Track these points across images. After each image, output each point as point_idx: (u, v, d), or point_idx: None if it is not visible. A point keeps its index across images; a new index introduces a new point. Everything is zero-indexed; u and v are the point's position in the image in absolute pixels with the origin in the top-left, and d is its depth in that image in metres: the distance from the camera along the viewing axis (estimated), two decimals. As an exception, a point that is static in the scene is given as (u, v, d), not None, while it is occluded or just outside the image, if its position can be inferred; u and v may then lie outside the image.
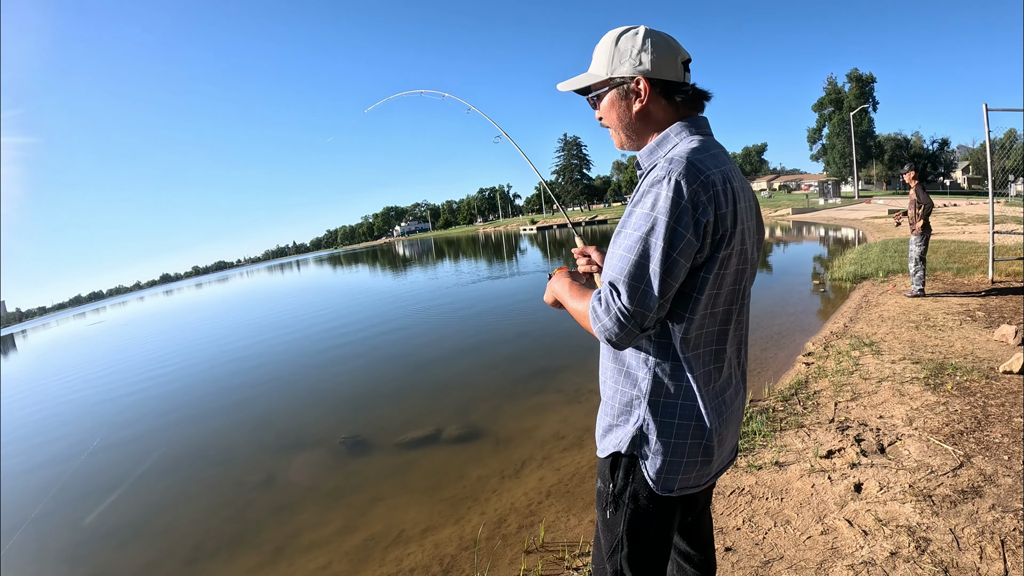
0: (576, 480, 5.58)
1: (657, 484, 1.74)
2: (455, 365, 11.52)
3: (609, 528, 1.85)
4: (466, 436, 7.33)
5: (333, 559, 5.04)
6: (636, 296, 1.55)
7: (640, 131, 1.81)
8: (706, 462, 1.77)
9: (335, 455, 7.47)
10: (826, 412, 5.49)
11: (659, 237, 1.53)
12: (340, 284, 43.55)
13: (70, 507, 7.40)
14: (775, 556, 3.49)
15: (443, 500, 5.72)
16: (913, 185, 9.55)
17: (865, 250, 16.79)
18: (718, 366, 1.78)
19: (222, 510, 6.64)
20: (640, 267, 1.55)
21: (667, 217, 1.52)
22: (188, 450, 9.03)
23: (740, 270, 1.74)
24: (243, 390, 12.51)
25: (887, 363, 6.54)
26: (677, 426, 1.72)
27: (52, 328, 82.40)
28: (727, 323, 1.77)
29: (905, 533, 3.42)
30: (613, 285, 1.59)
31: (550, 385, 8.88)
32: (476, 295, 22.50)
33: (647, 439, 1.73)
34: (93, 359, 24.82)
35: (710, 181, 1.57)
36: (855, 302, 10.42)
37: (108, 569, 5.83)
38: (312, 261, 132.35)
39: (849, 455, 4.51)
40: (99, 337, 39.04)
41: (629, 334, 1.58)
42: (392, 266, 55.32)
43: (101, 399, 14.57)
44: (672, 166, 1.56)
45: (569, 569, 3.99)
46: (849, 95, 74.66)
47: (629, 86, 1.77)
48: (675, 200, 1.52)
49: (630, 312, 1.55)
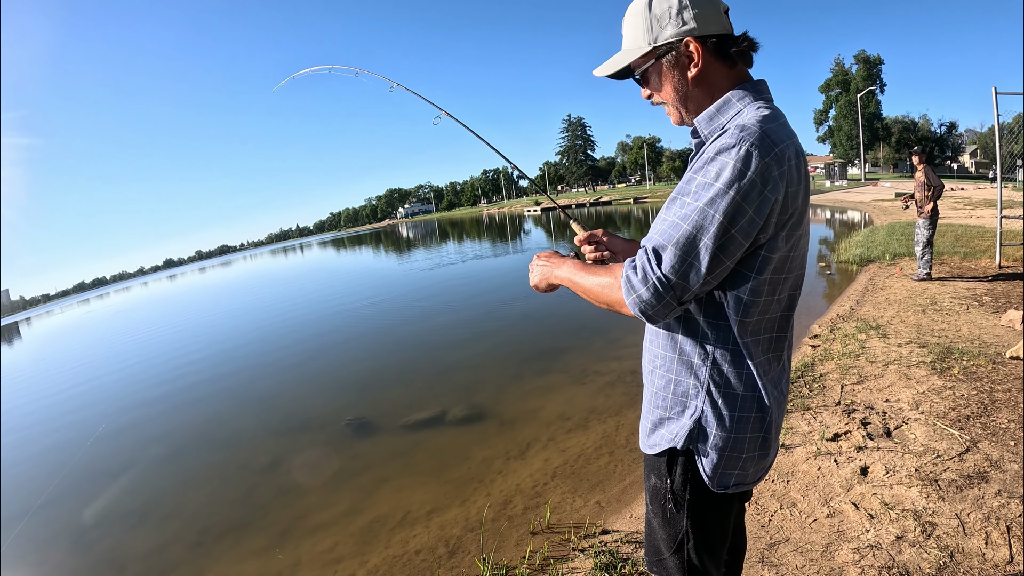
0: (581, 461, 5.59)
1: (713, 481, 1.65)
2: (459, 346, 11.53)
3: (670, 524, 1.75)
4: (471, 417, 7.35)
5: (339, 541, 5.07)
6: (681, 267, 1.42)
7: (700, 100, 1.62)
8: (763, 455, 1.69)
9: (340, 437, 7.51)
10: (832, 395, 5.49)
11: (719, 210, 1.39)
12: (342, 266, 43.61)
13: (76, 493, 7.44)
14: (781, 539, 3.49)
15: (448, 482, 5.75)
16: (921, 168, 9.48)
17: (872, 233, 16.71)
18: (777, 354, 1.67)
19: (228, 494, 6.68)
20: (692, 238, 1.41)
21: (732, 190, 1.38)
22: (193, 435, 9.08)
23: (804, 253, 1.62)
24: (247, 373, 12.59)
25: (893, 346, 6.52)
26: (737, 418, 1.61)
27: (56, 316, 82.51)
28: (790, 310, 1.66)
29: (911, 517, 3.42)
30: (657, 251, 1.45)
31: (555, 366, 8.89)
32: (479, 276, 22.57)
33: (705, 433, 1.62)
34: (96, 346, 24.94)
35: (784, 155, 1.43)
36: (861, 285, 10.39)
37: (115, 554, 5.86)
38: (315, 244, 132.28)
39: (855, 438, 4.50)
40: (102, 323, 39.19)
41: (666, 306, 1.46)
42: (396, 248, 55.35)
43: (105, 386, 14.63)
44: (744, 134, 1.41)
45: (575, 550, 3.99)
46: (856, 77, 74.00)
47: (679, 51, 1.58)
48: (743, 172, 1.38)
49: (670, 283, 1.43)
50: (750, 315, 1.55)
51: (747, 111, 1.52)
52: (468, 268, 25.99)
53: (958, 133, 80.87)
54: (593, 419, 6.55)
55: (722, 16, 1.58)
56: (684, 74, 1.60)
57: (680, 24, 1.55)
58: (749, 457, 1.65)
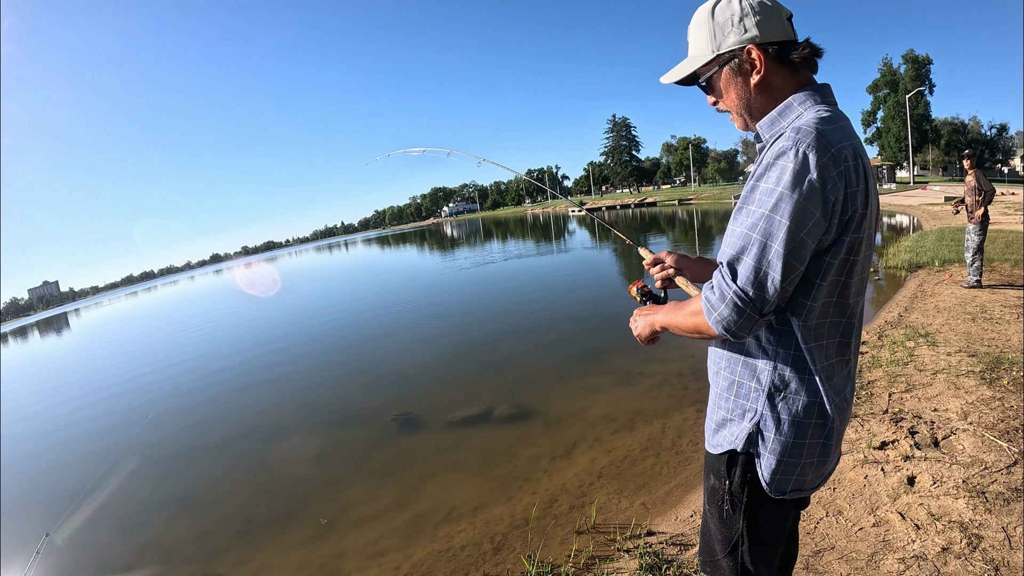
0: (627, 463, 5.65)
1: (771, 486, 1.66)
2: (504, 345, 11.64)
3: (726, 525, 1.77)
4: (516, 416, 7.44)
5: (383, 534, 5.17)
6: (756, 278, 1.43)
7: (763, 105, 1.64)
8: (823, 462, 1.70)
9: (386, 432, 7.64)
10: (880, 402, 5.46)
11: (785, 215, 1.40)
12: (386, 264, 43.98)
13: (125, 478, 7.69)
14: (826, 546, 3.52)
15: (494, 479, 5.83)
16: (971, 171, 9.34)
17: (920, 238, 16.44)
18: (842, 359, 1.66)
19: (273, 484, 6.85)
20: (762, 247, 1.42)
21: (794, 193, 1.39)
22: (239, 425, 9.33)
23: (867, 257, 1.60)
24: (293, 367, 12.82)
25: (942, 355, 6.45)
26: (797, 423, 1.61)
27: (104, 307, 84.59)
28: (854, 315, 1.65)
29: (957, 529, 3.41)
30: (731, 266, 1.47)
31: (600, 367, 8.92)
32: (523, 275, 22.61)
33: (763, 436, 1.64)
34: (145, 337, 25.57)
35: (841, 156, 1.43)
36: (910, 291, 10.25)
37: (162, 539, 6.08)
38: (360, 241, 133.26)
39: (903, 447, 4.49)
40: (149, 315, 40.12)
41: (748, 320, 1.46)
42: (440, 246, 55.56)
43: (154, 375, 15.02)
44: (799, 136, 1.43)
45: (620, 551, 4.06)
46: (904, 77, 72.45)
47: (741, 58, 1.61)
48: (802, 174, 1.39)
49: (748, 297, 1.44)
50: (811, 320, 1.56)
51: (807, 114, 1.53)
52: (511, 267, 26.16)
53: (1009, 136, 78.89)
54: (639, 421, 6.60)
55: (784, 23, 1.61)
56: (747, 81, 1.63)
57: (742, 32, 1.58)
58: (808, 463, 1.65)
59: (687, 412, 6.55)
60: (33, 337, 53.21)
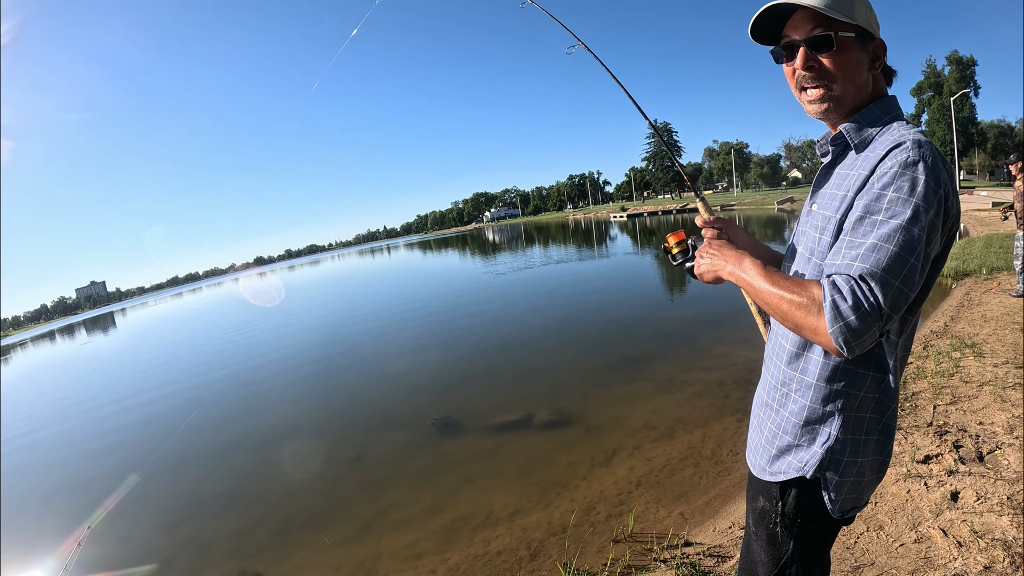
0: (667, 472, 5.65)
1: (835, 507, 1.61)
2: (545, 351, 11.66)
3: (774, 547, 1.71)
4: (556, 422, 7.46)
5: (421, 537, 5.25)
6: (890, 291, 1.32)
7: (864, 93, 1.61)
8: (878, 479, 1.66)
9: (426, 436, 7.72)
10: (924, 415, 5.38)
11: (921, 228, 1.34)
12: (428, 268, 44.26)
13: (166, 474, 7.92)
14: (866, 562, 3.49)
15: (532, 485, 5.87)
16: (1020, 176, 9.12)
17: (967, 244, 16.10)
18: (902, 373, 1.65)
19: (312, 484, 6.97)
20: (900, 260, 1.33)
21: (929, 205, 1.35)
22: (280, 427, 9.50)
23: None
24: (334, 370, 13.01)
25: (989, 366, 6.33)
26: (864, 442, 1.58)
27: (150, 307, 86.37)
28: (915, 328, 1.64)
29: (1000, 547, 3.36)
30: (866, 279, 1.33)
31: (641, 374, 8.92)
32: (566, 281, 22.57)
33: (836, 461, 1.58)
34: (188, 338, 26.05)
35: (949, 171, 1.42)
36: (956, 300, 10.06)
37: (203, 534, 6.25)
38: (402, 246, 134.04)
39: (947, 461, 4.43)
40: (193, 317, 40.89)
41: (871, 337, 1.33)
42: (481, 251, 55.66)
43: (197, 375, 15.38)
44: (924, 150, 1.39)
45: (657, 560, 4.07)
46: (949, 79, 70.95)
47: (875, 44, 1.59)
48: (934, 189, 1.36)
49: (881, 310, 1.31)
50: (903, 336, 1.55)
51: (909, 127, 1.51)
52: (553, 272, 26.18)
53: (1058, 139, 76.87)
54: (679, 429, 6.58)
55: None
56: (871, 65, 1.59)
57: (877, 26, 1.59)
58: (869, 481, 1.62)
59: (727, 421, 6.52)
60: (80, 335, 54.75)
